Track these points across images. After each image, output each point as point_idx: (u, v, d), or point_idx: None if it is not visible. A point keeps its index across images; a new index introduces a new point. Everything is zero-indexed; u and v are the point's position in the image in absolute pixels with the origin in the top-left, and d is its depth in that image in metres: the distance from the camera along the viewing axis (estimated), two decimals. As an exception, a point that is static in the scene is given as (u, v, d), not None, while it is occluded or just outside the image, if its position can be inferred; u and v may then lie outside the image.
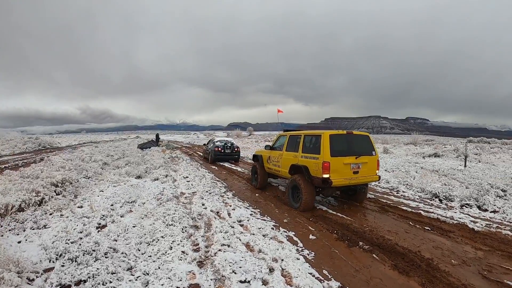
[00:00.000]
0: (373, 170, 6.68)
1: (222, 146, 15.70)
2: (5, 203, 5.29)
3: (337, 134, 6.41)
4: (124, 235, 4.66)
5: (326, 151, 6.06)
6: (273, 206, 7.00)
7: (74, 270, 3.50)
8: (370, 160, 6.60)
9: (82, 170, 9.52)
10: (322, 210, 6.64)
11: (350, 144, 6.53)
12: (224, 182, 9.93)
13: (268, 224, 5.62)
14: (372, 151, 6.70)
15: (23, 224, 5.04)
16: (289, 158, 7.28)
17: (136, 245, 4.32)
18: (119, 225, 5.05)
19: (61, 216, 5.53)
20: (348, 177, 6.25)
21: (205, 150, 18.16)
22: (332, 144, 6.14)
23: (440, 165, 13.37)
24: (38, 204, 5.96)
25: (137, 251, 4.16)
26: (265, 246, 4.46)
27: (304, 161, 6.62)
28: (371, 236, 4.97)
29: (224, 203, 7.05)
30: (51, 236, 4.53)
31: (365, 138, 6.84)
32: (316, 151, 6.32)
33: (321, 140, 6.24)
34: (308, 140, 6.90)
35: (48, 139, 32.22)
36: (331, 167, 5.99)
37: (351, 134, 6.66)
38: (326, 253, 4.38)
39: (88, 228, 4.88)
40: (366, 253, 4.37)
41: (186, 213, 5.92)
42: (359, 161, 6.36)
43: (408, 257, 4.19)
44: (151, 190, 7.90)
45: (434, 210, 6.49)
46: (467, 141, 26.70)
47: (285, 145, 7.70)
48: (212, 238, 4.77)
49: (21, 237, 4.56)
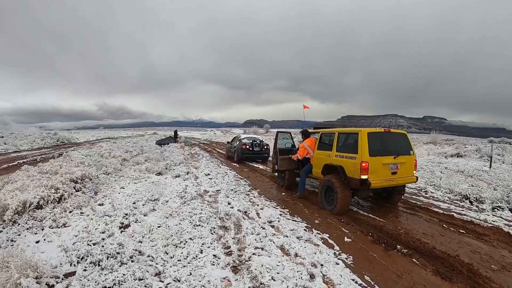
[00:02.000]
0: (410, 171, 6.28)
1: (250, 144, 14.26)
2: (23, 200, 4.98)
3: (375, 132, 6.01)
4: (149, 236, 4.27)
5: (365, 150, 5.64)
6: (302, 206, 6.62)
7: (98, 275, 3.11)
8: (408, 160, 6.21)
9: (102, 166, 9.26)
10: (352, 210, 6.30)
11: (388, 143, 6.17)
12: (247, 180, 9.49)
13: (300, 225, 5.25)
14: (410, 151, 6.30)
15: (41, 222, 4.71)
16: (322, 157, 6.83)
17: (163, 248, 3.92)
18: (143, 225, 4.66)
19: (81, 214, 5.19)
20: (387, 178, 5.85)
21: (228, 148, 16.79)
22: (371, 142, 5.72)
23: (464, 166, 12.92)
24: (57, 201, 5.64)
25: (164, 254, 3.76)
26: (301, 250, 4.10)
27: (339, 161, 6.18)
28: (407, 239, 4.72)
29: (251, 202, 6.63)
30: (71, 236, 4.17)
31: (403, 137, 6.43)
32: (353, 150, 5.88)
33: (359, 138, 5.81)
34: (343, 138, 6.50)
35: (66, 134, 32.73)
36: (370, 167, 5.58)
37: (389, 132, 6.28)
38: (365, 257, 4.10)
39: (111, 228, 4.49)
40: (405, 257, 4.13)
41: (213, 212, 5.51)
42: (397, 161, 5.96)
43: (448, 262, 3.97)
44: (174, 187, 7.53)
45: (466, 212, 6.17)
46: (491, 142, 25.63)
47: (316, 143, 7.24)
48: (244, 241, 4.35)
49: (39, 237, 4.23)
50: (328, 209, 6.25)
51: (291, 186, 8.40)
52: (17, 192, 5.47)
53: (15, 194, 5.29)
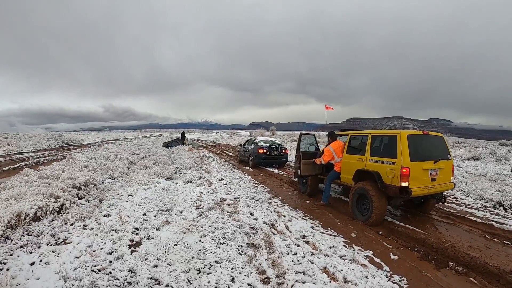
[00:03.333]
0: (448, 177, 5.83)
1: (268, 148, 12.92)
2: (18, 211, 4.24)
3: (415, 134, 5.54)
4: (166, 257, 3.53)
5: (405, 154, 5.12)
6: (332, 216, 5.95)
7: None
8: (447, 165, 5.76)
9: (107, 169, 8.54)
10: (387, 221, 5.75)
11: (427, 147, 5.73)
12: (264, 186, 8.72)
13: (337, 240, 4.64)
14: (448, 155, 5.86)
15: (38, 238, 3.99)
16: (352, 162, 6.22)
17: (184, 274, 3.16)
18: (157, 243, 3.91)
19: (85, 228, 4.47)
20: (427, 185, 5.37)
21: (240, 152, 15.36)
22: (411, 146, 5.21)
23: (483, 169, 12.73)
24: (57, 211, 4.92)
25: (187, 284, 3.00)
26: (349, 273, 3.51)
27: (375, 166, 5.63)
28: (454, 253, 4.27)
29: (276, 212, 5.90)
30: (72, 258, 3.44)
31: (441, 140, 5.97)
32: (392, 155, 5.36)
33: (398, 141, 5.29)
34: (379, 141, 6.03)
35: (71, 136, 32.41)
36: (411, 173, 5.06)
37: (428, 134, 5.87)
38: (419, 278, 3.62)
39: (119, 247, 3.76)
40: (460, 276, 3.71)
41: (237, 226, 4.76)
42: (437, 166, 5.50)
43: (505, 279, 3.60)
44: (187, 194, 6.78)
45: (504, 221, 5.74)
46: (503, 144, 25.13)
47: (345, 147, 6.62)
48: (280, 263, 3.64)
49: (34, 257, 3.52)
50: (361, 220, 5.68)
51: (314, 192, 7.73)
52: (12, 201, 4.74)
53: (9, 204, 4.57)
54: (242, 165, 13.91)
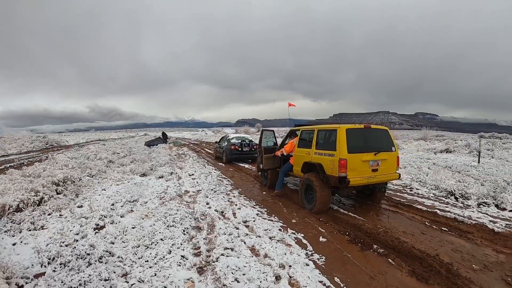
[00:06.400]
0: (392, 168, 6.17)
1: (239, 144, 13.72)
2: (2, 203, 5.12)
3: (354, 128, 5.90)
4: (122, 237, 4.42)
5: (343, 147, 5.53)
6: (281, 205, 6.65)
7: (65, 276, 3.26)
8: (390, 156, 6.09)
9: (86, 168, 9.37)
10: (332, 209, 6.25)
11: (368, 139, 6.04)
12: (230, 180, 9.63)
13: (276, 225, 5.29)
14: (392, 147, 6.18)
15: (19, 225, 4.87)
16: (302, 155, 6.72)
17: (133, 248, 4.07)
18: (117, 227, 4.82)
19: (60, 217, 5.34)
20: (367, 175, 5.74)
21: (216, 149, 16.07)
22: (349, 139, 5.61)
23: (452, 161, 12.89)
24: (37, 204, 5.79)
25: (133, 255, 3.91)
26: (272, 250, 4.13)
27: (318, 159, 6.09)
28: (385, 238, 4.62)
29: (229, 202, 6.77)
30: (46, 238, 4.33)
31: (384, 133, 6.32)
32: (332, 147, 5.79)
33: (337, 134, 5.70)
34: (322, 135, 6.38)
35: (56, 137, 32.46)
36: (349, 164, 5.48)
37: (369, 128, 6.16)
38: (338, 258, 4.05)
39: (85, 229, 4.67)
40: (381, 258, 4.06)
41: (189, 213, 5.66)
42: (378, 157, 5.85)
43: (426, 262, 3.87)
44: (155, 188, 7.68)
45: (450, 209, 6.07)
46: (479, 137, 25.98)
47: (297, 141, 7.18)
48: (214, 241, 4.49)
49: (16, 239, 4.38)
50: (308, 208, 6.21)
51: (274, 185, 8.27)
52: (-2, 195, 5.61)
53: (-5, 198, 5.43)
54: (217, 162, 14.68)
